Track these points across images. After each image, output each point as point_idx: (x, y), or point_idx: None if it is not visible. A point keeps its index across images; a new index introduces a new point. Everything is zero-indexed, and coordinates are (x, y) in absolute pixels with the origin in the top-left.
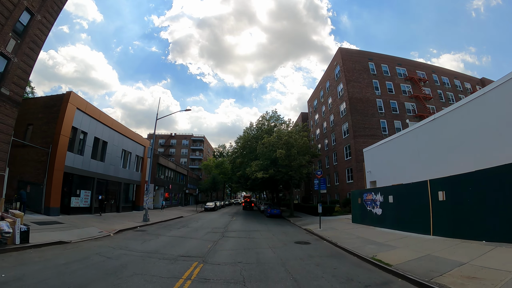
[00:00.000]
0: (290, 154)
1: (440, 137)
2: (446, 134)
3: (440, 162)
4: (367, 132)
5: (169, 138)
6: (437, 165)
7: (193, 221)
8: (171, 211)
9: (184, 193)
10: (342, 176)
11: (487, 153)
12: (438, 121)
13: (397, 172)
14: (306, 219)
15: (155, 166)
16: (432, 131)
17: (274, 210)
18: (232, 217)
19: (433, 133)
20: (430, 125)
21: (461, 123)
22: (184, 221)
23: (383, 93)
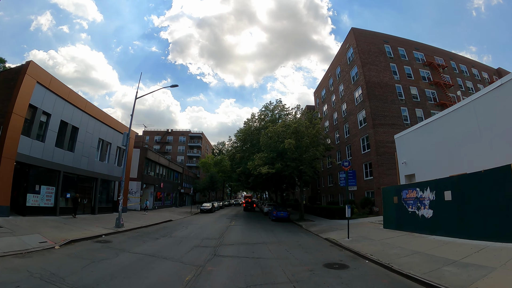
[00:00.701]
0: (301, 145)
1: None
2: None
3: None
4: (387, 120)
5: (165, 134)
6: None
7: (181, 227)
8: (159, 213)
9: (179, 192)
10: (358, 172)
11: None
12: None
13: (448, 159)
14: (321, 223)
15: (142, 161)
16: (499, 101)
17: (281, 212)
18: (231, 221)
19: (502, 104)
20: (496, 93)
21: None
22: (170, 227)
23: (402, 78)
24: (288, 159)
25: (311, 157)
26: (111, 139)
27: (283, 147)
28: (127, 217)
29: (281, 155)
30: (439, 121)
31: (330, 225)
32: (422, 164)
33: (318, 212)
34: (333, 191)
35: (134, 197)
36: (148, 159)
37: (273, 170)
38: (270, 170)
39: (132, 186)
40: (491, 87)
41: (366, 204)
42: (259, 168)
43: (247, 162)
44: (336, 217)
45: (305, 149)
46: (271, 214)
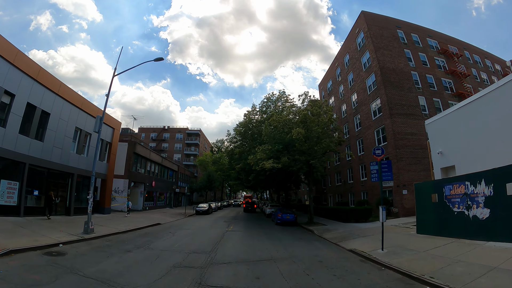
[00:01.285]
0: (311, 135)
1: None
2: None
3: None
4: (405, 110)
5: (162, 131)
6: None
7: (167, 233)
8: (148, 215)
9: (174, 192)
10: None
11: None
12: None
13: (503, 146)
14: (335, 227)
15: (130, 156)
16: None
17: (287, 215)
18: (229, 225)
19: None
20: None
21: None
22: (153, 234)
23: (417, 65)
24: (296, 152)
25: (324, 149)
26: (91, 129)
27: (290, 137)
28: (107, 220)
29: (287, 147)
30: (488, 98)
31: (347, 230)
32: (464, 153)
33: (327, 213)
34: (342, 190)
35: (121, 196)
36: (137, 154)
37: (278, 165)
38: (275, 165)
39: (118, 184)
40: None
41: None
42: (262, 162)
43: (247, 157)
44: (351, 220)
45: (317, 139)
46: (275, 217)
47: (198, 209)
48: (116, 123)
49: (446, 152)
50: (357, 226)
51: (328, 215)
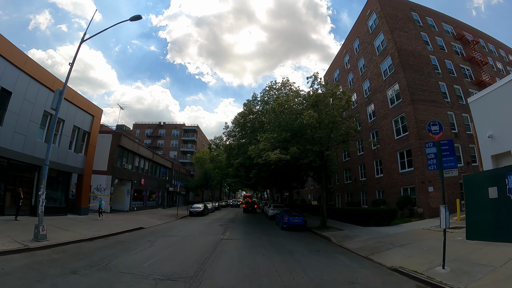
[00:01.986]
0: (326, 121)
1: None
2: None
3: None
4: (426, 96)
5: (157, 127)
6: None
7: (144, 242)
8: (133, 217)
9: (167, 191)
10: (389, 163)
11: None
12: None
13: None
14: (355, 233)
15: (114, 149)
16: None
17: (296, 218)
18: (225, 229)
19: None
20: None
21: None
22: (127, 243)
23: (435, 49)
24: (308, 141)
25: (343, 136)
26: (67, 116)
27: (299, 124)
28: (78, 222)
29: (295, 136)
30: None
31: (373, 238)
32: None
33: (340, 215)
34: (352, 189)
35: (104, 195)
36: (123, 147)
37: (287, 157)
38: (283, 156)
39: (101, 181)
40: None
41: (404, 204)
42: (266, 153)
43: (247, 150)
44: (371, 223)
45: (333, 125)
46: (281, 220)
47: (192, 210)
48: (96, 110)
49: (498, 135)
50: (381, 231)
51: (341, 217)
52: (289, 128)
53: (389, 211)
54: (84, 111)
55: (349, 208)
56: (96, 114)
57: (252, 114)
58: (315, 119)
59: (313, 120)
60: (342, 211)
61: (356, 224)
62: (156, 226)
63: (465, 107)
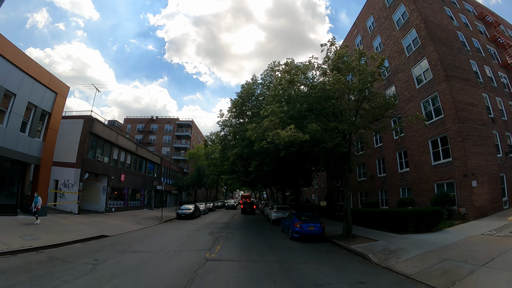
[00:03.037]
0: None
1: None
2: None
3: None
4: (459, 73)
5: (149, 122)
6: None
7: (87, 262)
8: (103, 220)
9: (155, 190)
10: (418, 154)
11: None
12: None
13: None
14: (400, 246)
15: (85, 137)
16: None
17: (310, 225)
18: (215, 240)
19: None
20: None
21: None
22: (60, 261)
23: (460, 26)
24: (329, 117)
25: (379, 110)
26: (17, 88)
27: (318, 93)
28: (21, 226)
29: (312, 111)
30: None
31: (429, 252)
32: None
33: (362, 219)
34: (367, 187)
35: (71, 192)
36: (97, 136)
37: (305, 136)
38: (300, 135)
39: (68, 175)
40: None
41: (441, 203)
42: (274, 132)
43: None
44: (407, 229)
45: (369, 95)
46: (291, 228)
47: (180, 212)
48: (60, 86)
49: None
50: (428, 240)
51: (363, 222)
52: (305, 100)
53: (433, 213)
54: (44, 86)
55: (377, 211)
56: (61, 91)
57: (251, 98)
58: (342, 84)
59: (341, 85)
60: (366, 214)
61: (387, 231)
62: (126, 233)
63: (497, 90)
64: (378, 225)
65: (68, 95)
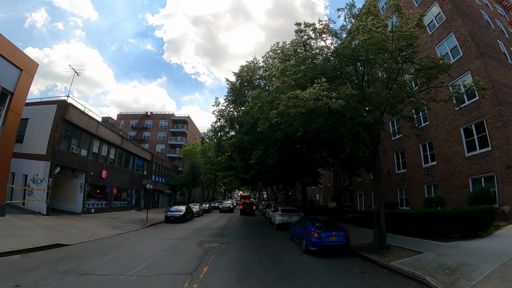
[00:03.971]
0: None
1: None
2: None
3: None
4: (490, 52)
5: (144, 118)
6: None
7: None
8: (73, 223)
9: (144, 189)
10: (448, 145)
11: None
12: None
13: None
14: (459, 259)
15: (58, 125)
16: None
17: (332, 234)
18: (204, 256)
19: None
20: None
21: None
22: None
23: (483, 4)
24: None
25: (428, 73)
26: None
27: (346, 48)
28: None
29: (335, 78)
30: None
31: (503, 267)
32: None
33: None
34: (382, 185)
35: (39, 189)
36: (72, 124)
37: (338, 102)
38: (326, 100)
39: (38, 169)
40: None
41: (481, 200)
42: (290, 95)
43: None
44: (452, 234)
45: (411, 54)
46: (306, 238)
47: (170, 215)
48: (26, 62)
49: None
50: (490, 248)
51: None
52: (327, 61)
53: (485, 214)
54: (5, 60)
55: (411, 212)
56: (27, 69)
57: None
58: (383, 36)
59: (381, 37)
60: (395, 216)
61: (423, 237)
62: (93, 242)
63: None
64: (408, 230)
65: (41, 75)
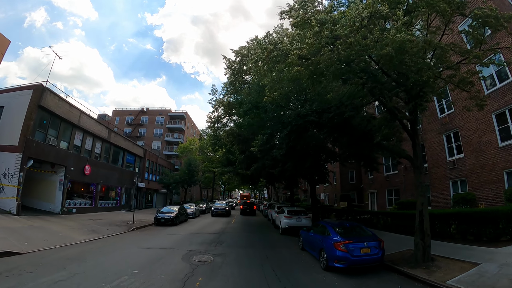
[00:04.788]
0: None
1: None
2: None
3: None
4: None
5: (139, 114)
6: None
7: None
8: (41, 224)
9: (136, 187)
10: (477, 135)
11: None
12: None
13: None
14: None
15: (32, 113)
16: None
17: (365, 244)
18: (185, 281)
19: None
20: None
21: None
22: None
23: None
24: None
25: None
26: None
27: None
28: None
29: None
30: None
31: None
32: None
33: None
34: (398, 183)
35: (10, 185)
36: (49, 111)
37: (401, 37)
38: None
39: (8, 163)
40: None
41: None
42: (322, 19)
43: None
44: (501, 239)
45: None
46: (328, 250)
47: (160, 216)
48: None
49: None
50: None
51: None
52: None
53: None
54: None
55: (450, 212)
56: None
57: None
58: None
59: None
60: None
61: (464, 242)
62: (56, 249)
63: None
64: (443, 234)
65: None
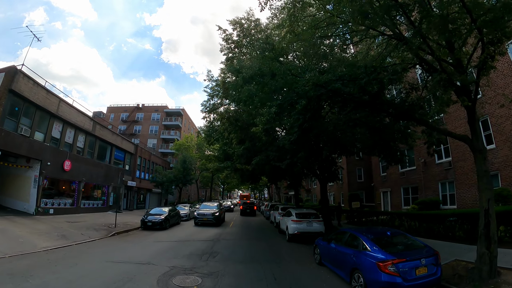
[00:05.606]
0: None
1: None
2: None
3: None
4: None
5: (135, 110)
6: None
7: None
8: (7, 226)
9: (126, 186)
10: (511, 121)
11: None
12: None
13: None
14: None
15: (1, 96)
16: None
17: (421, 262)
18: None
19: None
20: None
21: None
22: None
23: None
24: None
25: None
26: None
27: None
28: None
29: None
30: None
31: None
32: None
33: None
34: (416, 180)
35: None
36: (22, 97)
37: None
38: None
39: None
40: None
41: None
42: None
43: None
44: None
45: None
46: (366, 272)
47: (148, 219)
48: None
49: None
50: None
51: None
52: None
53: None
54: None
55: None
56: None
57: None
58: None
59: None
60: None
61: None
62: (0, 260)
63: None
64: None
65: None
